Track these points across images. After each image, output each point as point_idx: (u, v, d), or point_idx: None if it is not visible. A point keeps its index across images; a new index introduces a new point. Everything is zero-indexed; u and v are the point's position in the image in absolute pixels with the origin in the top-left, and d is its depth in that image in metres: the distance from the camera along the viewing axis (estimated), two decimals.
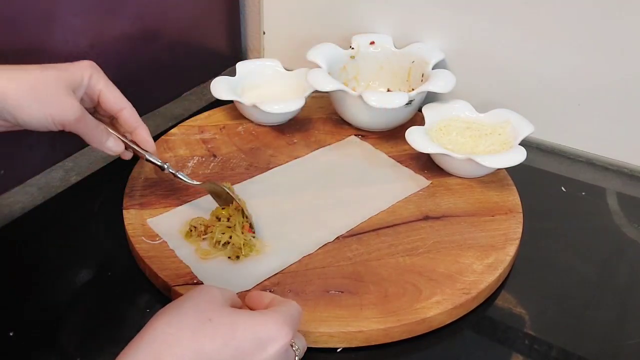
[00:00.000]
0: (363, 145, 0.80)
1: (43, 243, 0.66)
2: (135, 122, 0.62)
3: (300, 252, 0.62)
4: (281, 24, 0.99)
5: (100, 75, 0.59)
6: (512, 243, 0.63)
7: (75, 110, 0.55)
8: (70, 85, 0.56)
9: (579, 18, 0.75)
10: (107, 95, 0.59)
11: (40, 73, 0.53)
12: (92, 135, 0.58)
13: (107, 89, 0.59)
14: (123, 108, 0.61)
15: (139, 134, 0.62)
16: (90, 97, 0.59)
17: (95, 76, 0.58)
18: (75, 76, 0.56)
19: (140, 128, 0.62)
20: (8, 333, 0.55)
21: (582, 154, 0.82)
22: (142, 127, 0.62)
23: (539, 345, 0.56)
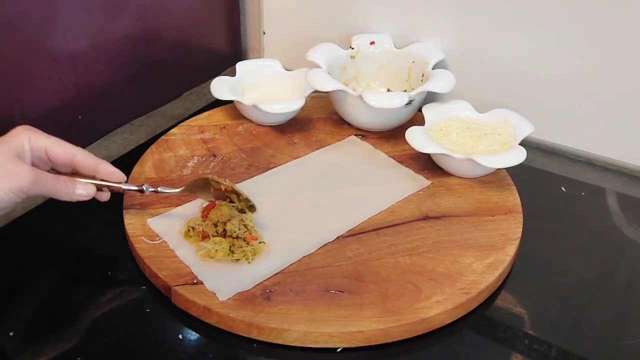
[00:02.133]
0: (363, 145, 0.80)
1: (43, 243, 0.66)
2: (93, 161, 0.60)
3: (301, 252, 0.62)
4: (281, 24, 0.99)
5: (39, 134, 0.58)
6: (512, 243, 0.64)
7: (27, 174, 0.55)
8: (15, 153, 0.55)
9: (579, 18, 0.75)
10: (53, 149, 0.58)
11: None
12: (57, 190, 0.58)
13: (50, 143, 0.58)
14: (74, 153, 0.59)
15: (102, 170, 0.61)
16: (40, 159, 0.58)
17: (34, 136, 0.57)
18: (15, 143, 0.56)
19: (100, 164, 0.61)
20: (8, 333, 0.55)
21: (582, 154, 0.82)
22: (102, 163, 0.61)
23: (539, 345, 0.56)
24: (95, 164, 0.60)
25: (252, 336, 0.55)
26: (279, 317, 0.54)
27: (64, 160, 0.59)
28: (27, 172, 0.55)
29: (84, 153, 0.60)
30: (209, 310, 0.55)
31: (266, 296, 0.56)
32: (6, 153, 0.55)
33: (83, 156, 0.60)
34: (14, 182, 0.54)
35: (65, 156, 0.59)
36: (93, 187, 0.60)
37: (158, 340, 0.56)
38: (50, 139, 0.58)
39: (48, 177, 0.57)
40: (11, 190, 0.54)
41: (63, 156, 0.59)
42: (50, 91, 0.74)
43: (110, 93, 0.82)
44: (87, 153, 0.60)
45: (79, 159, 0.60)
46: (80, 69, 0.77)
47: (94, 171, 0.61)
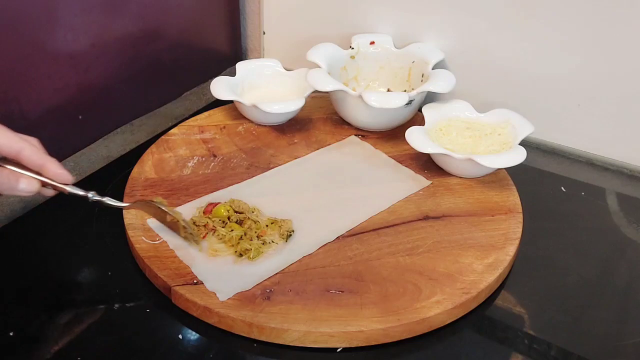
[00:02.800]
0: (363, 145, 0.80)
1: (44, 243, 0.66)
2: (40, 159, 0.56)
3: (301, 252, 0.62)
4: (281, 24, 0.99)
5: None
6: (512, 243, 0.64)
7: None
8: None
9: (579, 18, 0.75)
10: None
11: None
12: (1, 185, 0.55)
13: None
14: (22, 148, 0.54)
15: (49, 169, 0.56)
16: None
17: None
18: None
19: (48, 163, 0.56)
20: (8, 333, 0.55)
21: (582, 154, 0.82)
22: (50, 162, 0.56)
23: (539, 344, 0.56)
24: (41, 163, 0.56)
25: (252, 336, 0.55)
26: (279, 317, 0.54)
27: (10, 154, 0.55)
28: None
29: (32, 148, 0.55)
30: (209, 310, 0.55)
31: (266, 296, 0.56)
32: None
33: (30, 151, 0.55)
34: None
35: (10, 150, 0.54)
36: (37, 184, 0.56)
37: (158, 340, 0.56)
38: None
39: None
40: None
41: (8, 150, 0.54)
42: (51, 91, 0.74)
43: (111, 93, 0.82)
44: (35, 148, 0.56)
45: (25, 154, 0.55)
46: (80, 69, 0.77)
47: (40, 169, 0.56)
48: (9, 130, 0.55)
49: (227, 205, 0.65)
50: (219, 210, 0.64)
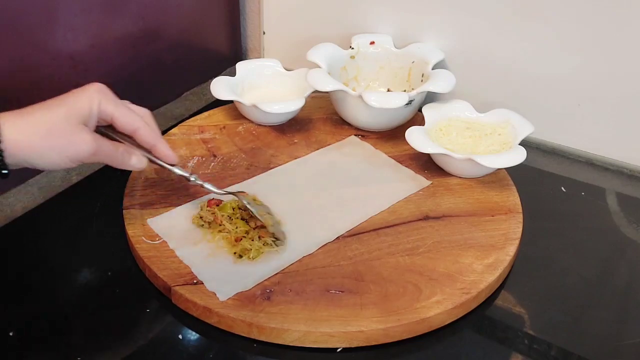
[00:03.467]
0: (363, 145, 0.80)
1: (44, 243, 0.66)
2: (153, 139, 0.60)
3: (301, 252, 0.62)
4: (281, 24, 0.99)
5: (109, 99, 0.56)
6: (512, 243, 0.64)
7: (89, 145, 0.54)
8: (81, 119, 0.54)
9: (579, 18, 0.75)
10: (120, 119, 0.57)
11: (48, 116, 0.53)
12: (114, 159, 0.58)
13: (118, 113, 0.57)
14: (138, 128, 0.59)
15: (159, 150, 0.61)
16: (104, 120, 0.58)
17: (104, 102, 0.56)
18: (84, 108, 0.54)
19: (159, 144, 0.60)
20: (8, 333, 0.55)
21: (582, 154, 0.82)
22: (160, 143, 0.61)
23: (539, 344, 0.56)
24: (153, 143, 0.60)
25: (252, 336, 0.55)
26: (279, 317, 0.54)
27: (126, 131, 0.59)
28: (89, 142, 0.54)
29: (146, 128, 0.59)
30: (209, 310, 0.55)
31: (266, 296, 0.56)
32: (73, 119, 0.53)
33: (145, 132, 0.59)
34: (75, 152, 0.53)
35: (128, 127, 0.58)
36: (146, 161, 0.60)
37: (158, 340, 0.56)
38: (118, 106, 0.57)
39: (107, 148, 0.56)
40: (71, 160, 0.54)
41: (126, 126, 0.58)
42: (51, 91, 0.74)
43: None
44: (149, 128, 0.60)
45: (141, 133, 0.59)
46: (80, 69, 0.76)
47: (151, 148, 0.60)
48: (128, 108, 0.59)
49: (232, 202, 0.65)
50: (226, 207, 0.65)
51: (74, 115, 0.54)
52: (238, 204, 0.65)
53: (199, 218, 0.64)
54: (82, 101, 0.55)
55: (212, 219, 0.64)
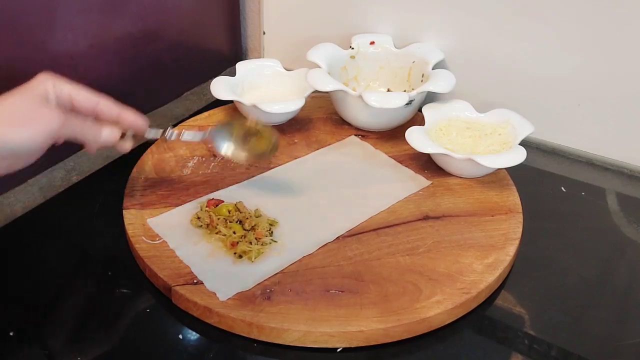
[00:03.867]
0: (363, 145, 0.80)
1: (44, 243, 0.66)
2: (116, 109, 0.60)
3: (301, 252, 0.62)
4: (281, 24, 0.99)
5: (62, 81, 0.57)
6: (512, 243, 0.64)
7: (56, 117, 0.54)
8: (41, 98, 0.55)
9: (579, 18, 0.75)
10: (78, 96, 0.58)
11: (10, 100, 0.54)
12: (85, 132, 0.58)
13: (75, 91, 0.58)
14: (98, 102, 0.59)
15: (126, 117, 0.61)
16: (64, 106, 0.58)
17: (58, 83, 0.57)
18: (40, 89, 0.56)
19: (124, 112, 0.61)
20: (8, 333, 0.55)
21: (582, 154, 0.82)
22: (125, 111, 0.61)
23: (539, 344, 0.56)
24: (117, 112, 0.60)
25: (252, 336, 0.55)
26: (279, 317, 0.54)
27: (88, 107, 0.59)
28: (55, 115, 0.54)
29: (107, 101, 0.59)
30: (209, 310, 0.55)
31: (266, 296, 0.56)
32: (33, 98, 0.55)
33: (106, 103, 0.59)
34: (44, 125, 0.53)
35: (89, 103, 0.58)
36: (118, 132, 0.60)
37: (158, 340, 0.56)
38: (73, 86, 0.58)
39: (77, 120, 0.57)
40: (43, 135, 0.54)
41: (87, 103, 0.58)
42: None
43: (110, 93, 0.81)
44: (110, 101, 0.60)
45: (102, 106, 0.59)
46: (80, 69, 0.76)
47: (117, 119, 0.60)
48: (84, 87, 0.59)
49: (229, 205, 0.65)
50: (222, 209, 0.64)
51: (35, 96, 0.55)
52: (236, 205, 0.65)
53: (197, 219, 0.64)
54: (38, 86, 0.56)
55: (209, 221, 0.63)
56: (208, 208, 0.65)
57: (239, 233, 0.62)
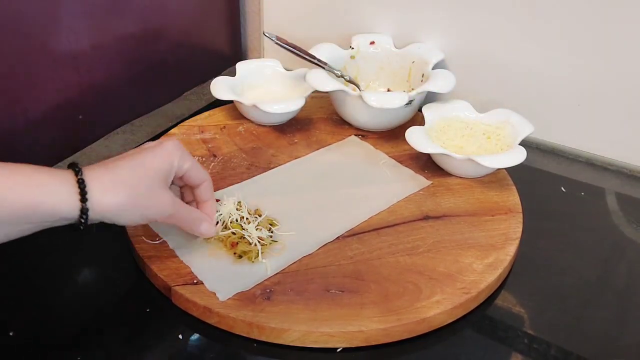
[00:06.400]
0: (363, 145, 0.80)
1: (43, 243, 0.66)
2: (211, 195, 0.60)
3: (301, 252, 0.62)
4: (281, 24, 0.99)
5: (186, 156, 0.57)
6: (512, 243, 0.64)
7: (170, 208, 0.54)
8: (163, 179, 0.54)
9: (579, 18, 0.75)
10: (192, 174, 0.57)
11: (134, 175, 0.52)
12: (185, 223, 0.58)
13: (193, 167, 0.57)
14: (205, 180, 0.59)
15: (209, 206, 0.60)
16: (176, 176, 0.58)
17: (182, 159, 0.56)
18: (165, 168, 0.54)
19: (211, 201, 0.60)
20: (8, 333, 0.55)
21: (582, 154, 0.82)
22: (213, 200, 0.61)
23: (539, 344, 0.56)
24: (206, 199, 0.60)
25: (252, 336, 0.55)
26: (279, 317, 0.54)
27: (193, 184, 0.59)
28: (170, 205, 0.54)
29: (209, 183, 0.60)
30: (209, 310, 0.55)
31: (266, 296, 0.57)
32: (155, 179, 0.53)
33: (207, 186, 0.59)
34: (155, 213, 0.54)
35: (196, 181, 0.59)
36: (215, 231, 0.60)
37: (158, 340, 0.56)
38: (193, 162, 0.57)
39: (183, 212, 0.56)
40: (149, 219, 0.54)
41: (195, 181, 0.58)
42: (52, 91, 0.74)
43: (111, 93, 0.82)
44: (211, 184, 0.60)
45: (204, 186, 0.59)
46: (81, 69, 0.77)
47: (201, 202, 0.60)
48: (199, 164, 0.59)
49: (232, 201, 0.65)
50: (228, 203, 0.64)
51: (157, 177, 0.53)
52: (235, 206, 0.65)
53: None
54: (164, 161, 0.54)
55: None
56: None
57: (239, 233, 0.62)
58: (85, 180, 0.49)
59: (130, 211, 0.51)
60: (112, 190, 0.50)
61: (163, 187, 0.54)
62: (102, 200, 0.49)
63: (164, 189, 0.54)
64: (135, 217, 0.53)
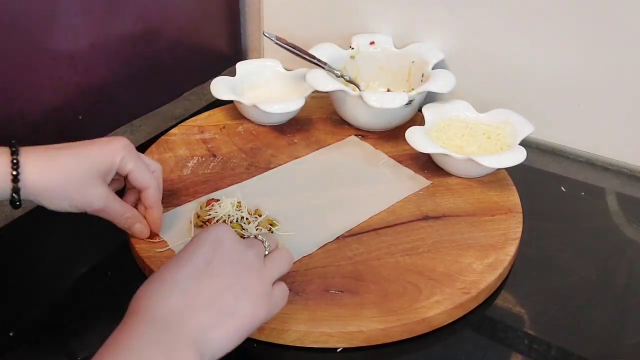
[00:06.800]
0: (363, 145, 0.80)
1: (43, 243, 0.66)
2: (154, 202, 0.61)
3: (301, 252, 0.62)
4: (281, 24, 0.99)
5: (131, 156, 0.57)
6: (512, 243, 0.64)
7: (100, 202, 0.56)
8: (101, 173, 0.56)
9: (579, 18, 0.75)
10: (135, 176, 0.58)
11: (71, 165, 0.54)
12: (117, 221, 0.59)
13: (136, 169, 0.58)
14: (148, 187, 0.60)
15: (152, 214, 0.61)
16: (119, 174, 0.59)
17: (126, 158, 0.57)
18: (106, 163, 0.56)
19: (155, 209, 0.61)
20: (8, 333, 0.55)
21: (582, 154, 0.82)
22: (157, 209, 0.61)
23: (539, 344, 0.56)
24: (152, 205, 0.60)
25: (252, 336, 0.54)
26: (279, 317, 0.54)
27: (138, 187, 0.60)
28: (101, 199, 0.56)
29: (155, 190, 0.60)
30: None
31: None
32: (94, 173, 0.55)
33: (152, 192, 0.60)
34: (84, 204, 0.55)
35: (140, 184, 0.59)
36: (148, 233, 0.61)
37: None
38: (137, 164, 0.58)
39: (115, 209, 0.58)
40: (78, 208, 0.56)
41: (139, 183, 0.59)
42: (51, 91, 0.74)
43: (111, 93, 0.82)
44: (157, 191, 0.60)
45: (148, 193, 0.60)
46: (80, 69, 0.77)
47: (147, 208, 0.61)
48: (145, 165, 0.60)
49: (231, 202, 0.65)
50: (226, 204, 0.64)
51: (95, 169, 0.55)
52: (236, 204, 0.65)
53: (197, 217, 0.64)
54: (106, 156, 0.56)
55: (207, 219, 0.63)
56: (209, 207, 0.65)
57: (239, 233, 0.62)
58: (20, 162, 0.51)
59: (59, 197, 0.54)
60: (46, 174, 0.52)
61: (99, 181, 0.56)
62: (34, 181, 0.52)
63: (99, 183, 0.56)
64: (63, 203, 0.55)
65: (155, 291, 0.44)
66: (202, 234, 0.48)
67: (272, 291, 0.49)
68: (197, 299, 0.44)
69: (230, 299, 0.45)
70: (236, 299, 0.45)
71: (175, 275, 0.45)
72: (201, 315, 0.43)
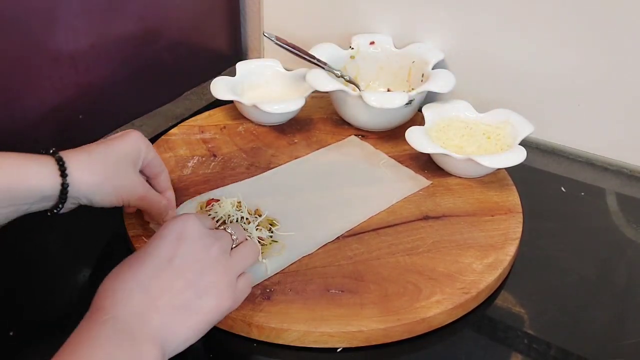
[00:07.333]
0: (363, 145, 0.80)
1: (43, 243, 0.66)
2: (170, 184, 0.63)
3: (301, 252, 0.62)
4: (281, 24, 0.99)
5: (150, 146, 0.60)
6: (511, 243, 0.64)
7: (141, 187, 0.57)
8: (133, 162, 0.57)
9: (579, 18, 0.75)
10: (157, 161, 0.61)
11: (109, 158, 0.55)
12: (154, 207, 0.60)
13: (156, 157, 0.61)
14: (163, 170, 0.62)
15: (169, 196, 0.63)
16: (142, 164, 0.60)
17: (149, 147, 0.59)
18: (136, 152, 0.58)
19: (171, 191, 0.63)
20: (8, 333, 0.55)
21: (582, 154, 0.82)
22: (172, 190, 0.63)
23: (539, 344, 0.56)
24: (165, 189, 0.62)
25: (252, 336, 0.55)
26: (279, 317, 0.54)
27: (152, 173, 0.61)
28: (140, 185, 0.58)
29: (166, 175, 0.63)
30: None
31: (266, 296, 0.57)
32: (128, 160, 0.56)
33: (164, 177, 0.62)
34: (129, 192, 0.56)
35: (155, 170, 0.61)
36: None
37: None
38: (155, 153, 0.60)
39: (154, 196, 0.59)
40: (123, 198, 0.56)
41: (154, 169, 0.61)
42: (51, 91, 0.74)
43: (111, 93, 0.82)
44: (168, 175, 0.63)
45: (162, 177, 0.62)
46: (81, 69, 0.77)
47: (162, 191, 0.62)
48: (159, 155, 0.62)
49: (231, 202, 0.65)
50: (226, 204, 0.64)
51: (130, 160, 0.57)
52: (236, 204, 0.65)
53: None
54: (132, 146, 0.58)
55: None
56: (209, 207, 0.65)
57: None
58: (64, 159, 0.52)
59: (106, 189, 0.54)
60: (90, 168, 0.53)
61: (134, 170, 0.57)
62: (81, 177, 0.53)
63: (134, 171, 0.57)
64: (111, 196, 0.55)
65: (117, 290, 0.45)
66: (166, 228, 0.48)
67: (236, 284, 0.50)
68: (159, 299, 0.44)
69: (193, 296, 0.46)
70: (199, 297, 0.46)
71: (137, 273, 0.45)
72: (163, 314, 0.44)
